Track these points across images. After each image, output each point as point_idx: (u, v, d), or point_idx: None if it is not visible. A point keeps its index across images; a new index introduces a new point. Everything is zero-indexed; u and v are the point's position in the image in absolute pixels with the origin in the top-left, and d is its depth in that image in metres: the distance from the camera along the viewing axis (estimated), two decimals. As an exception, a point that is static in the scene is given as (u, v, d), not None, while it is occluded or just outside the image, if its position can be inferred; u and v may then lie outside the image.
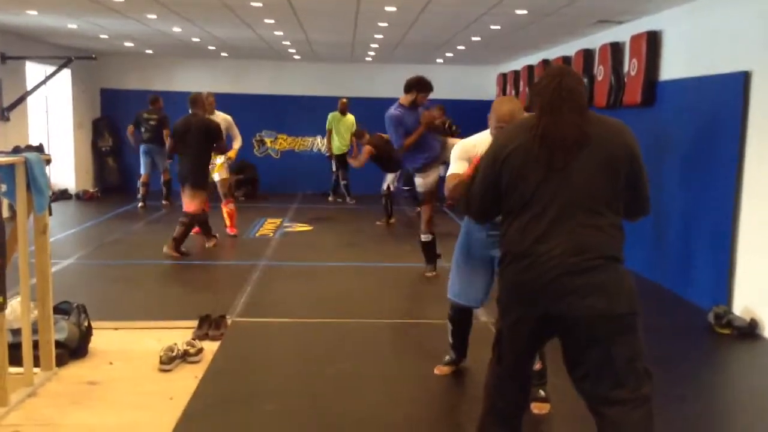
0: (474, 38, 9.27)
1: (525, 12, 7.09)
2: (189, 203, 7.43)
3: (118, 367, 4.25)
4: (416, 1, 6.76)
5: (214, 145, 7.55)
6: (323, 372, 4.23)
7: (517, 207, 2.54)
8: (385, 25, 8.27)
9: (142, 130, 11.13)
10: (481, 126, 8.40)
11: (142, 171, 11.32)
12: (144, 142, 11.14)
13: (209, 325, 4.92)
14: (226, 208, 8.51)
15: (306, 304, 5.85)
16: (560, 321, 2.50)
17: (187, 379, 4.07)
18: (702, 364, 4.79)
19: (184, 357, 4.35)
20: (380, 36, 9.36)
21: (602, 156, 2.47)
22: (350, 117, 12.01)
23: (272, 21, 8.26)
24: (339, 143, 12.07)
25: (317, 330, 5.20)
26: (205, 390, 3.90)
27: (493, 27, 8.20)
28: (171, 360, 4.25)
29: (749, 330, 5.11)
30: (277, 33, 9.36)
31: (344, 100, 12.10)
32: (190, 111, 7.55)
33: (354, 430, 3.49)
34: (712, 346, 5.06)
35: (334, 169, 12.48)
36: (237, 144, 8.65)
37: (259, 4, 7.06)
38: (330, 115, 12.09)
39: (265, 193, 12.96)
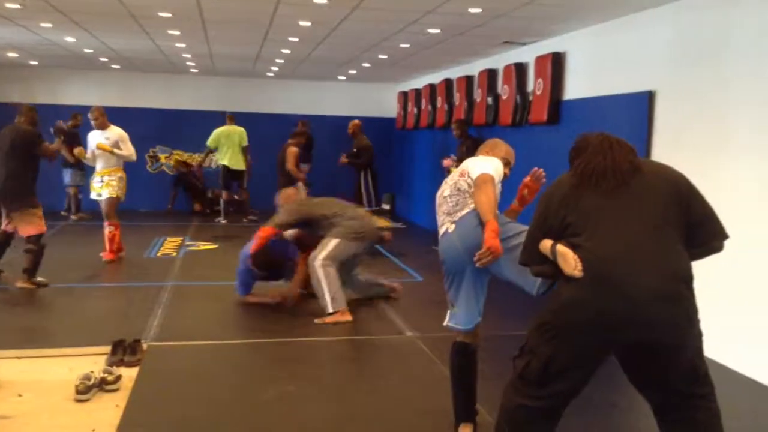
0: (381, 56, 9.34)
1: (438, 31, 7.22)
2: (25, 227, 6.52)
3: (28, 400, 3.91)
4: (332, 17, 6.72)
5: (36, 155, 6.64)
6: (258, 396, 4.05)
7: (576, 234, 2.54)
8: (296, 40, 8.18)
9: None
10: (380, 143, 8.28)
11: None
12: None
13: (124, 350, 4.63)
14: (107, 230, 7.86)
15: (223, 324, 5.64)
16: (642, 347, 2.52)
17: (108, 409, 3.80)
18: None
19: (102, 385, 4.07)
20: (288, 51, 9.24)
21: (655, 183, 2.58)
22: (237, 128, 11.76)
23: (177, 32, 7.98)
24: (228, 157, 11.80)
25: (240, 351, 5.02)
26: (133, 420, 3.64)
27: (402, 45, 8.29)
28: (88, 389, 3.96)
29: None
30: (179, 45, 9.05)
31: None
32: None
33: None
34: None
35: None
36: (126, 156, 8.10)
37: (168, 15, 6.80)
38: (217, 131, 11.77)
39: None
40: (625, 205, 2.53)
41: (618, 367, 2.67)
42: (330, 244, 5.81)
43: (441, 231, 3.42)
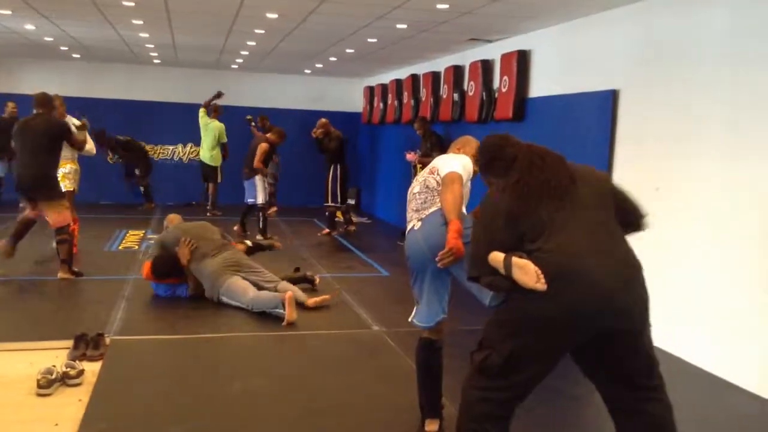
0: (348, 50, 9.33)
1: (405, 26, 7.24)
2: (56, 218, 6.62)
3: (-12, 394, 3.83)
4: (299, 10, 6.69)
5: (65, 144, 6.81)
6: (226, 390, 4.02)
7: (531, 241, 2.58)
8: (262, 32, 8.11)
9: None
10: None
11: None
12: None
13: (86, 344, 4.56)
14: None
15: (187, 318, 5.56)
16: (605, 335, 2.58)
17: (71, 404, 3.74)
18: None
19: (64, 380, 4.01)
20: (253, 43, 9.16)
21: (590, 184, 2.71)
22: (216, 124, 11.63)
23: (140, 22, 7.85)
24: (203, 151, 11.73)
25: (205, 345, 4.99)
26: (96, 414, 3.59)
27: (369, 40, 8.29)
28: (50, 383, 3.89)
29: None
30: (142, 35, 8.91)
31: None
32: (34, 111, 6.74)
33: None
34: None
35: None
36: (89, 150, 7.73)
37: (131, 4, 6.69)
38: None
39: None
40: (573, 212, 2.60)
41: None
42: (232, 301, 5.84)
43: (408, 227, 3.43)
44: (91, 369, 4.22)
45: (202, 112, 11.56)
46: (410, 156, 9.16)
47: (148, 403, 3.82)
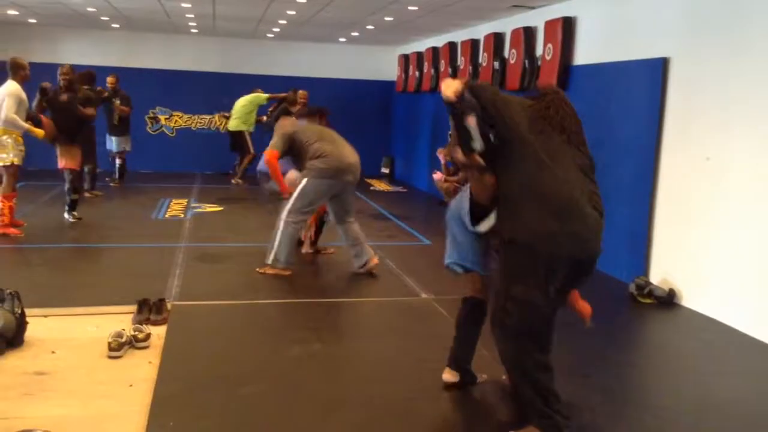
0: (387, 18, 9.29)
1: (449, -7, 7.21)
2: None
3: (62, 356, 3.99)
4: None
5: None
6: (289, 353, 4.17)
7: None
8: (304, 1, 8.12)
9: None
10: (379, 106, 8.31)
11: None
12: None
13: (149, 309, 4.72)
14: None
15: (241, 284, 5.71)
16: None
17: (142, 366, 3.90)
18: (633, 330, 5.16)
19: (132, 343, 4.17)
20: (293, 12, 9.18)
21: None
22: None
23: (185, -8, 7.92)
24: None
25: (261, 310, 5.13)
26: (169, 375, 3.74)
27: (411, 8, 8.26)
28: (121, 346, 4.06)
29: (668, 299, 5.53)
30: (184, 5, 8.96)
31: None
32: None
33: (336, 409, 3.46)
34: (638, 313, 5.42)
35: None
36: None
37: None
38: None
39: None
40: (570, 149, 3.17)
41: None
42: (296, 193, 5.89)
43: None
44: (156, 332, 4.37)
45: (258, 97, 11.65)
46: (438, 175, 8.77)
47: (215, 365, 3.96)
